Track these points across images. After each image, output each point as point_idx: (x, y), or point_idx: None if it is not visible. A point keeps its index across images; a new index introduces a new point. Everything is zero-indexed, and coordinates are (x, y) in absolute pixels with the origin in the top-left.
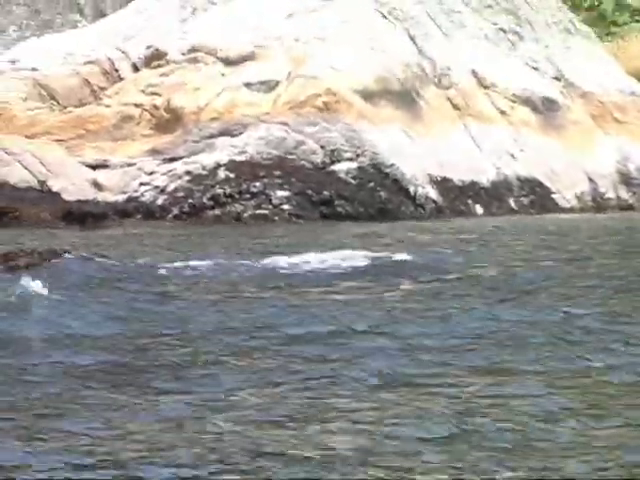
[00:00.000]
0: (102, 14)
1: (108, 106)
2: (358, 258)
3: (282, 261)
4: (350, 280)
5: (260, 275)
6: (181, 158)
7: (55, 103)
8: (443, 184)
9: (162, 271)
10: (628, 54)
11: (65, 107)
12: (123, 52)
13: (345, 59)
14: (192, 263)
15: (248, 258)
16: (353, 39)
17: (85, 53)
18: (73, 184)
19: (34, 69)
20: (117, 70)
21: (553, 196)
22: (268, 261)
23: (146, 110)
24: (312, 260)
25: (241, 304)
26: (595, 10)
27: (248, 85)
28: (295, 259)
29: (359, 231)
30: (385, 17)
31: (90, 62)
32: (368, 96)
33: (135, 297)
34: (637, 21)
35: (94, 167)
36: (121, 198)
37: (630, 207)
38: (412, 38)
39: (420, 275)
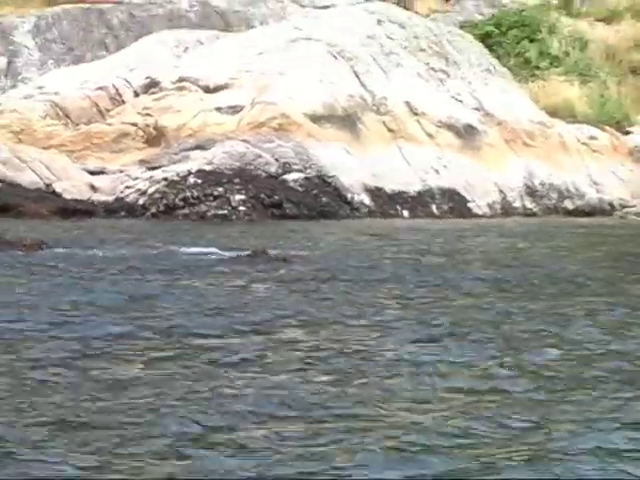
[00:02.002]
0: None
1: (110, 124)
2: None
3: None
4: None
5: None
6: (161, 167)
7: (69, 121)
8: (375, 192)
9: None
10: (547, 92)
11: (77, 124)
12: (127, 81)
13: (299, 89)
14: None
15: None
16: (307, 73)
17: (97, 81)
18: (73, 186)
19: (56, 93)
20: (121, 95)
21: (469, 204)
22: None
23: (140, 128)
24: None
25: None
26: (522, 56)
27: (219, 109)
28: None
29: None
30: (335, 57)
31: (100, 88)
32: (316, 119)
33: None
34: (555, 66)
35: (93, 173)
36: (110, 198)
37: (534, 214)
38: (356, 74)
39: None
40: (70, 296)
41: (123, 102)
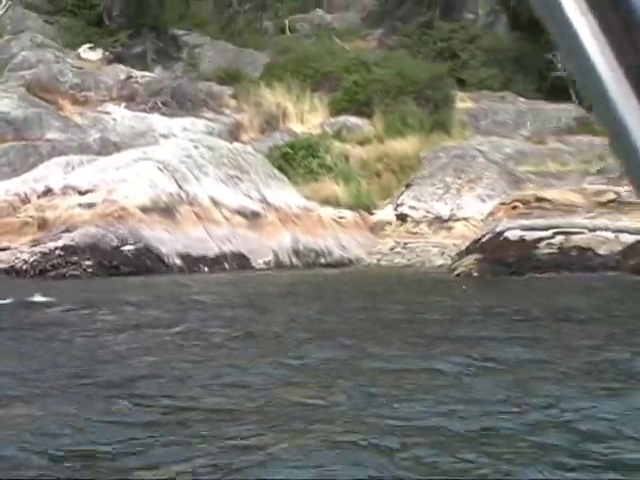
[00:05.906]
0: None
1: (18, 217)
2: None
3: None
4: None
5: None
6: (40, 244)
7: None
8: (186, 256)
9: None
10: (323, 189)
11: None
12: (33, 189)
13: (133, 191)
14: None
15: None
16: (141, 181)
17: (15, 189)
18: None
19: None
20: (28, 198)
21: (251, 262)
22: None
23: (35, 220)
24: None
25: None
26: (308, 167)
27: (81, 205)
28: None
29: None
30: (161, 170)
31: (15, 194)
32: (145, 210)
33: None
34: (329, 173)
35: (1, 250)
36: (5, 266)
37: (297, 267)
38: (176, 180)
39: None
40: None
41: (30, 202)
